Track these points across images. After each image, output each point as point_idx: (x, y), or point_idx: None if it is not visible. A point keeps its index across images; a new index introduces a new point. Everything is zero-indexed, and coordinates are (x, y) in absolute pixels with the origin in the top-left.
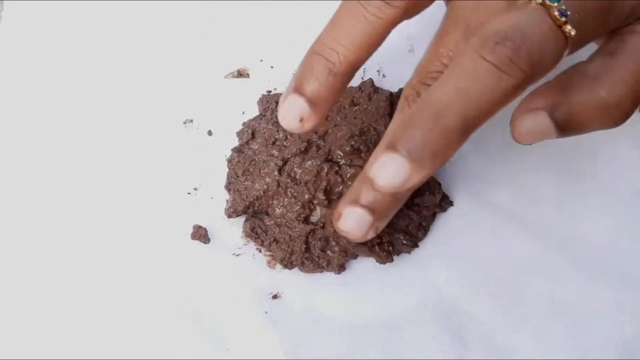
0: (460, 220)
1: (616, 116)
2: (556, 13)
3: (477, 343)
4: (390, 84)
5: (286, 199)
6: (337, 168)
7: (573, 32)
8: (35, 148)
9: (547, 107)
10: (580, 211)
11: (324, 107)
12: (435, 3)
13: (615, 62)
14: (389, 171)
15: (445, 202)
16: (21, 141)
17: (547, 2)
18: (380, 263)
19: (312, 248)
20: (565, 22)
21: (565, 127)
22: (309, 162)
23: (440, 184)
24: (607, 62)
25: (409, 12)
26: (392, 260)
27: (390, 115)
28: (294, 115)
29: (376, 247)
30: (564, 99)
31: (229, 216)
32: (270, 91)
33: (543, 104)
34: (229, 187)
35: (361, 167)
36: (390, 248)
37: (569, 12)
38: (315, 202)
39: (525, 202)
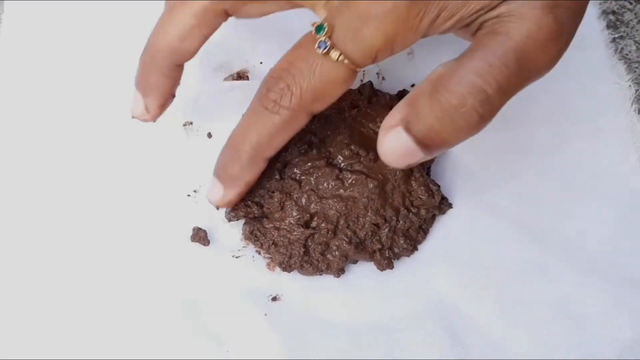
0: (460, 222)
1: (466, 117)
2: (316, 46)
3: (477, 345)
4: (390, 87)
5: (285, 202)
6: (337, 172)
7: (340, 58)
8: (35, 149)
9: (402, 123)
10: (579, 214)
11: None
12: None
13: (459, 63)
14: (211, 190)
15: (444, 205)
16: (21, 142)
17: (314, 35)
18: (381, 270)
19: (312, 252)
20: (327, 52)
21: (427, 142)
22: (309, 164)
23: (439, 186)
24: (452, 64)
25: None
26: (393, 267)
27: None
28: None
29: (377, 254)
30: (413, 110)
31: (229, 220)
32: None
33: (398, 119)
34: None
35: (361, 171)
36: (391, 254)
37: (327, 43)
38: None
39: (524, 204)
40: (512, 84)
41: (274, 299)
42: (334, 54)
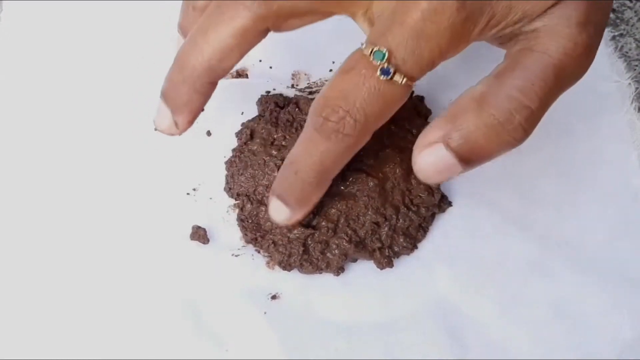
0: (459, 221)
1: (512, 132)
2: (378, 74)
3: (476, 344)
4: None
5: None
6: None
7: (404, 81)
8: (34, 148)
9: (442, 138)
10: (579, 213)
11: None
12: None
13: (500, 81)
14: (276, 211)
15: (444, 203)
16: (20, 141)
17: (373, 61)
18: (380, 269)
19: (311, 250)
20: (391, 78)
21: (467, 156)
22: None
23: (439, 185)
24: (493, 82)
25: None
26: (392, 265)
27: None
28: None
29: (377, 252)
30: (456, 126)
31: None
32: (269, 91)
33: (438, 136)
34: (230, 192)
35: (361, 169)
36: (391, 253)
37: (391, 70)
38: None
39: (524, 203)
40: (551, 97)
41: (274, 297)
42: (399, 78)
